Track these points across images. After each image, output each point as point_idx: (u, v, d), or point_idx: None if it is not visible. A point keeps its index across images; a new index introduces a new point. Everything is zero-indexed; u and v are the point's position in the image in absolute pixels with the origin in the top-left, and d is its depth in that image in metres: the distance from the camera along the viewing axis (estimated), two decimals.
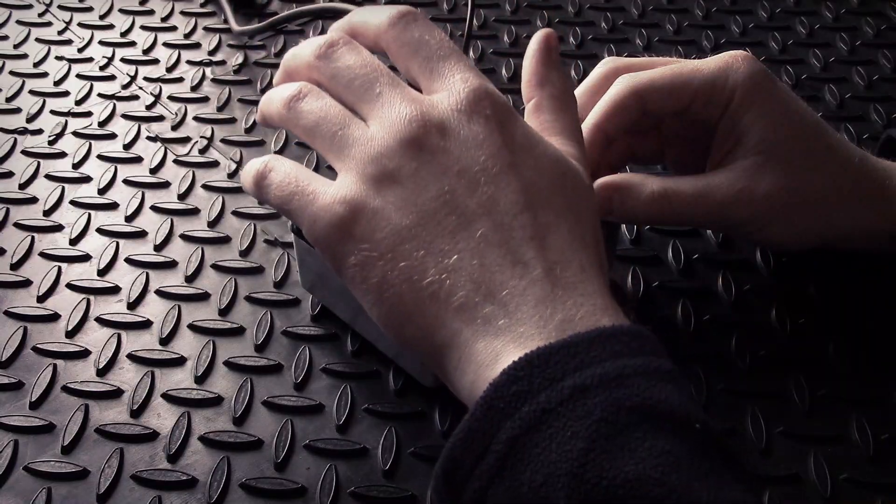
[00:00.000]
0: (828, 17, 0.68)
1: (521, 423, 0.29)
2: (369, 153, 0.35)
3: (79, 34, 0.67)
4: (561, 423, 0.28)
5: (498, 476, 0.29)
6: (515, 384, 0.29)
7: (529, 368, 0.30)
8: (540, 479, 0.28)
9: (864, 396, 0.43)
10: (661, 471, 0.28)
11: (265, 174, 0.38)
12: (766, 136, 0.43)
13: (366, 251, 0.34)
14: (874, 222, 0.45)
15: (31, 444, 0.41)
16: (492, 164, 0.34)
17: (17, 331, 0.46)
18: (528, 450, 0.29)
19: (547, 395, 0.29)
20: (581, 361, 0.30)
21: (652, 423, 0.29)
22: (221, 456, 0.41)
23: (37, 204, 0.54)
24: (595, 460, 0.28)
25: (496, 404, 0.29)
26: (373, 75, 0.37)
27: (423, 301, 0.33)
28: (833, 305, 0.47)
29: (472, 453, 0.29)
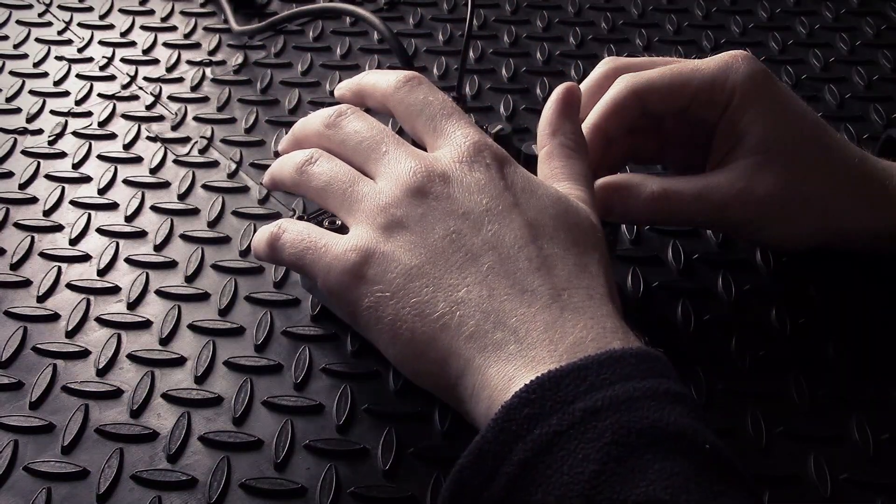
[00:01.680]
0: (828, 17, 0.68)
1: (533, 446, 0.29)
2: (378, 204, 0.37)
3: (79, 34, 0.67)
4: (572, 446, 0.29)
5: (508, 498, 0.29)
6: (527, 407, 0.30)
7: (541, 391, 0.30)
8: (552, 500, 0.29)
9: (864, 396, 0.43)
10: (671, 492, 0.28)
11: (279, 235, 0.40)
12: (765, 136, 0.43)
13: (378, 292, 0.36)
14: (874, 222, 0.45)
15: (31, 444, 0.41)
16: (495, 204, 0.36)
17: (17, 331, 0.46)
18: (539, 472, 0.29)
19: (558, 417, 0.30)
20: (591, 384, 0.30)
21: (662, 445, 0.29)
22: (221, 456, 0.41)
23: (37, 204, 0.54)
24: (606, 482, 0.28)
25: (508, 427, 0.30)
26: (379, 137, 0.39)
27: (435, 333, 0.34)
28: (833, 305, 0.47)
29: (481, 475, 0.30)
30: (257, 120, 0.60)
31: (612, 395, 0.30)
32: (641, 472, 0.28)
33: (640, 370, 0.31)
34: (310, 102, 0.61)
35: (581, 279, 0.35)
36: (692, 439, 0.30)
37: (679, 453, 0.29)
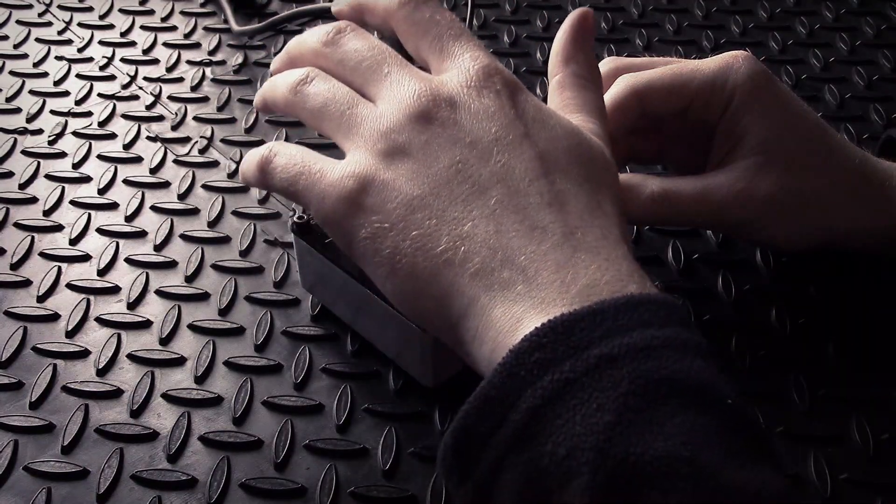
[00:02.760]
0: (828, 17, 0.68)
1: (542, 393, 0.28)
2: (378, 129, 0.35)
3: (79, 34, 0.67)
4: (586, 395, 0.27)
5: (516, 447, 0.28)
6: (538, 351, 0.28)
7: (553, 335, 0.28)
8: (563, 451, 0.27)
9: (864, 396, 0.43)
10: (690, 448, 0.26)
11: (270, 159, 0.37)
12: (766, 137, 0.43)
13: (377, 223, 0.33)
14: (874, 223, 0.45)
15: (31, 444, 0.41)
16: (504, 134, 0.34)
17: (17, 331, 0.46)
18: (549, 421, 0.27)
19: (571, 364, 0.28)
20: (607, 330, 0.28)
21: (681, 397, 0.27)
22: (221, 456, 0.41)
23: (37, 204, 0.54)
24: (622, 435, 0.26)
25: (516, 372, 0.28)
26: (380, 57, 0.37)
27: (437, 269, 0.32)
28: (833, 305, 0.47)
29: (488, 422, 0.28)
30: (257, 120, 0.60)
31: (629, 342, 0.28)
32: (660, 426, 0.27)
33: (659, 317, 0.29)
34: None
35: (595, 217, 0.33)
36: (714, 393, 0.28)
37: (700, 407, 0.27)
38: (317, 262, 0.44)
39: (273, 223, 0.53)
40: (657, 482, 0.26)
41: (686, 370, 0.28)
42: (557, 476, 0.27)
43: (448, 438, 0.29)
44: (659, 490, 0.26)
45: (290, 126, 0.59)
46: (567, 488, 0.26)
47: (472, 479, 0.29)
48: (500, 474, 0.28)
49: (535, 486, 0.27)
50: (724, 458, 0.27)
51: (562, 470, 0.27)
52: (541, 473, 0.27)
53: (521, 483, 0.27)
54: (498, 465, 0.28)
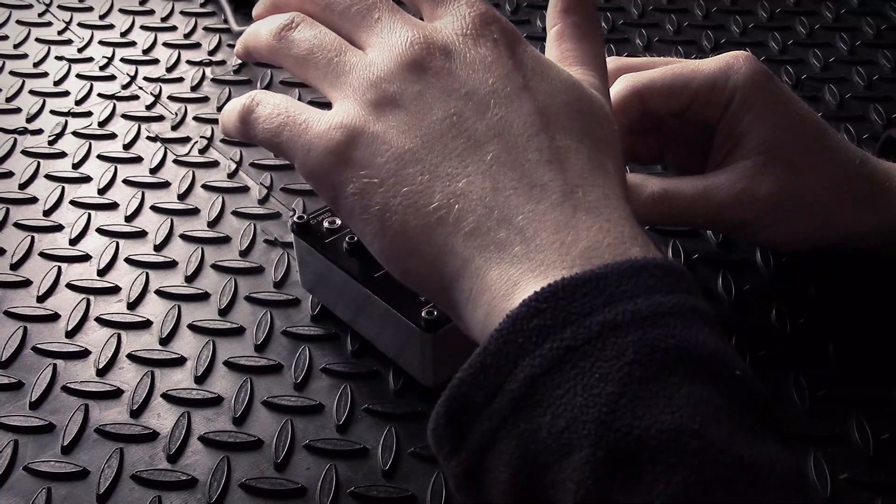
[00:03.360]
0: (828, 17, 0.68)
1: (541, 361, 0.26)
2: (368, 78, 0.33)
3: (79, 34, 0.67)
4: (588, 364, 0.26)
5: (512, 417, 0.26)
6: (537, 317, 0.27)
7: (553, 301, 0.27)
8: (562, 423, 0.25)
9: (864, 396, 0.43)
10: (699, 422, 0.25)
11: (252, 108, 0.35)
12: (766, 137, 0.43)
13: (365, 178, 0.32)
14: (874, 223, 0.45)
15: (31, 444, 0.41)
16: (502, 86, 0.32)
17: (17, 331, 0.46)
18: (549, 391, 0.26)
19: (573, 331, 0.26)
20: (611, 296, 0.27)
21: (688, 368, 0.26)
22: (221, 456, 0.41)
23: (37, 204, 0.54)
24: (626, 407, 0.25)
25: (514, 339, 0.27)
26: (371, 2, 0.35)
27: (429, 227, 0.30)
28: (833, 305, 0.47)
29: (483, 391, 0.27)
30: None
31: (633, 308, 0.26)
32: (666, 398, 0.25)
33: (665, 283, 0.27)
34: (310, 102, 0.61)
35: (596, 176, 0.31)
36: (722, 364, 0.27)
37: (708, 379, 0.26)
38: (317, 262, 0.44)
39: (273, 223, 0.53)
40: (663, 457, 0.24)
41: (693, 339, 0.27)
42: (556, 449, 0.25)
43: (440, 407, 0.28)
44: (664, 465, 0.24)
45: None
46: (566, 462, 0.25)
47: (464, 450, 0.27)
48: (494, 446, 0.27)
49: (532, 460, 0.26)
50: (733, 433, 0.25)
51: (560, 443, 0.25)
52: (538, 446, 0.26)
53: (517, 456, 0.26)
54: (492, 437, 0.27)
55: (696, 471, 0.24)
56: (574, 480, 0.25)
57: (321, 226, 0.44)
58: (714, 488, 0.24)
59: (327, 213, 0.45)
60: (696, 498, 0.24)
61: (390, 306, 0.41)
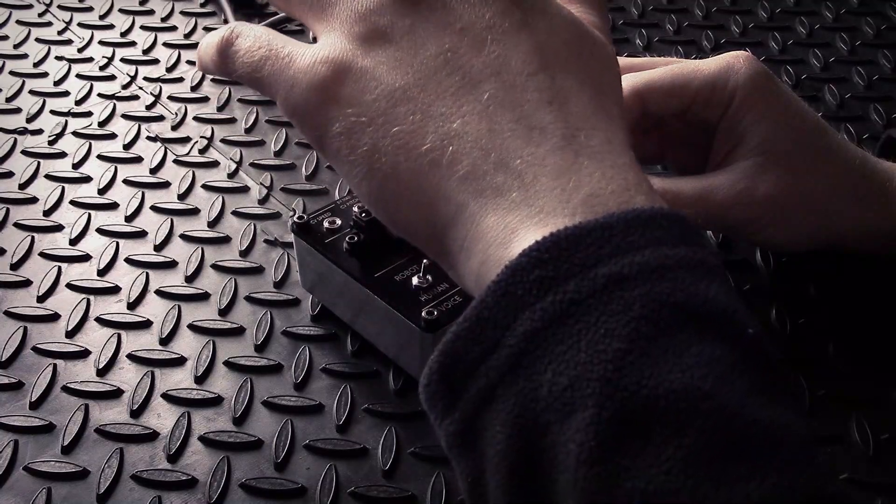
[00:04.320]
0: (828, 17, 0.68)
1: (542, 315, 0.25)
2: (357, 10, 0.31)
3: (79, 34, 0.67)
4: (592, 318, 0.24)
5: (510, 374, 0.25)
6: (538, 268, 0.25)
7: (555, 251, 0.25)
8: (564, 381, 0.24)
9: (864, 396, 0.43)
10: (710, 382, 0.23)
11: (231, 40, 0.34)
12: (766, 137, 0.43)
13: (353, 116, 0.30)
14: (875, 223, 0.45)
15: (31, 444, 0.41)
16: (499, 21, 0.30)
17: (17, 331, 0.46)
18: (550, 346, 0.24)
19: (576, 283, 0.25)
20: (616, 247, 0.25)
21: (699, 324, 0.25)
22: (221, 456, 0.41)
23: (37, 204, 0.54)
24: (634, 364, 0.23)
25: (513, 291, 0.25)
26: None
27: (421, 170, 0.29)
28: (833, 305, 0.47)
29: (479, 346, 0.25)
30: (257, 120, 0.60)
31: (641, 260, 0.25)
32: (676, 356, 0.24)
33: (673, 235, 0.26)
34: None
35: (598, 119, 0.29)
36: (734, 321, 0.25)
37: (719, 336, 0.25)
38: (317, 262, 0.44)
39: (273, 223, 0.53)
40: (672, 418, 0.23)
41: (704, 294, 0.25)
42: (557, 408, 0.24)
43: (433, 363, 0.26)
44: (674, 427, 0.23)
45: (290, 126, 0.59)
46: (568, 422, 0.24)
47: (458, 408, 0.26)
48: (490, 404, 0.25)
49: (531, 420, 0.24)
50: (746, 394, 0.24)
51: (562, 402, 0.24)
52: (538, 405, 0.24)
53: (515, 415, 0.25)
54: (489, 395, 0.25)
55: (708, 433, 0.23)
56: (576, 442, 0.23)
57: (321, 226, 0.44)
58: (726, 451, 0.23)
59: (327, 213, 0.45)
60: (707, 461, 0.23)
61: (390, 306, 0.41)
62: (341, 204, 0.46)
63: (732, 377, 0.24)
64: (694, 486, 0.22)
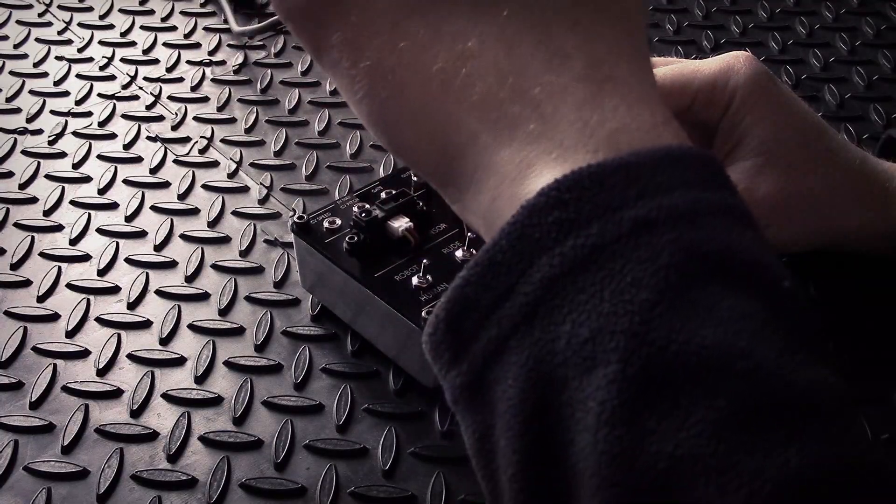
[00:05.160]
0: (828, 17, 0.68)
1: (562, 261, 0.22)
2: None
3: (79, 34, 0.67)
4: (618, 266, 0.22)
5: (525, 324, 0.23)
6: (557, 209, 0.23)
7: (577, 191, 0.23)
8: (585, 333, 0.22)
9: (864, 396, 0.43)
10: (745, 339, 0.21)
11: None
12: (767, 138, 0.43)
13: (356, 24, 0.26)
14: (875, 224, 0.45)
15: (31, 444, 0.41)
16: None
17: (17, 331, 0.46)
18: (570, 295, 0.22)
19: (600, 226, 0.22)
20: (644, 188, 0.23)
21: (732, 276, 0.23)
22: (221, 456, 0.41)
23: (37, 204, 0.54)
24: (663, 317, 0.21)
25: (529, 233, 0.23)
26: None
27: (429, 93, 0.26)
28: (833, 305, 0.47)
29: (491, 293, 0.23)
30: (257, 120, 0.60)
31: (670, 204, 0.23)
32: (708, 309, 0.22)
33: (703, 177, 0.24)
34: (310, 102, 0.61)
35: (624, 50, 0.26)
36: (769, 274, 0.23)
37: (753, 290, 0.23)
38: (317, 262, 0.44)
39: (273, 223, 0.53)
40: (704, 378, 0.21)
41: (737, 244, 0.23)
42: (576, 363, 0.22)
43: (440, 310, 0.24)
44: (705, 387, 0.21)
45: (290, 126, 0.59)
46: (588, 379, 0.22)
47: (466, 360, 0.24)
48: (502, 356, 0.23)
49: (547, 374, 0.22)
50: (782, 354, 0.22)
51: (582, 356, 0.22)
52: (555, 358, 0.22)
53: (529, 368, 0.22)
54: (501, 346, 0.23)
55: (743, 394, 0.21)
56: (597, 400, 0.21)
57: (321, 226, 0.44)
58: (762, 415, 0.21)
59: (327, 213, 0.45)
60: (741, 425, 0.21)
61: (390, 306, 0.41)
62: (341, 204, 0.46)
63: (768, 334, 0.22)
64: (726, 451, 0.20)
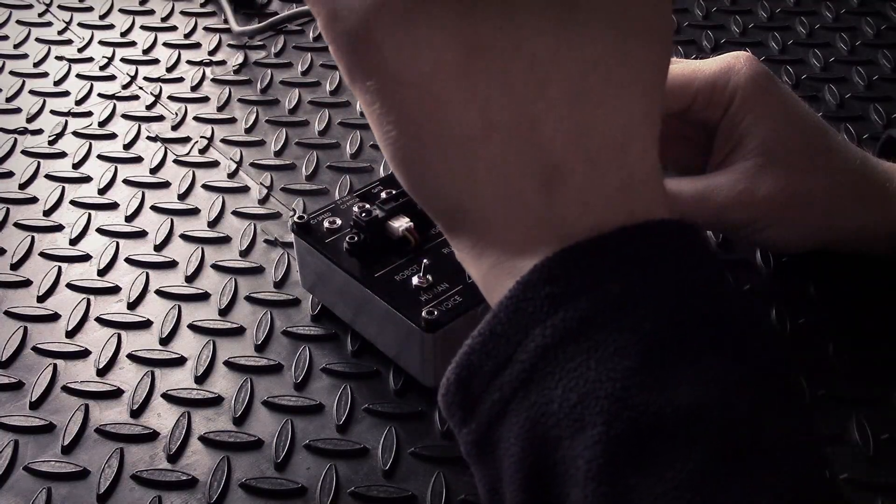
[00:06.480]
0: (828, 17, 0.68)
1: (553, 332, 0.25)
2: None
3: (79, 34, 0.67)
4: (603, 336, 0.24)
5: (522, 389, 0.25)
6: (549, 285, 0.25)
7: (567, 267, 0.25)
8: (574, 398, 0.24)
9: (864, 396, 0.43)
10: (720, 396, 0.24)
11: None
12: (767, 138, 0.43)
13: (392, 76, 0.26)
14: (875, 224, 0.45)
15: (31, 444, 0.41)
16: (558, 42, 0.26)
17: (17, 331, 0.46)
18: (561, 363, 0.24)
19: (587, 300, 0.25)
20: (628, 262, 0.25)
21: (709, 336, 0.25)
22: (221, 456, 0.41)
23: (37, 204, 0.54)
24: (643, 382, 0.23)
25: (524, 307, 0.25)
26: None
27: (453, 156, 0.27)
28: (833, 305, 0.47)
29: (493, 360, 0.26)
30: (257, 120, 0.60)
31: (652, 276, 0.25)
32: (685, 371, 0.24)
33: (681, 248, 0.26)
34: (310, 102, 0.61)
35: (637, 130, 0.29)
36: (745, 333, 0.25)
37: (729, 348, 0.25)
38: (317, 262, 0.44)
39: (273, 223, 0.53)
40: (680, 434, 0.23)
41: (715, 309, 0.25)
42: (567, 424, 0.24)
43: (451, 374, 0.27)
44: (683, 441, 0.23)
45: (290, 126, 0.59)
46: (577, 438, 0.24)
47: (475, 420, 0.26)
48: (505, 417, 0.25)
49: (543, 433, 0.25)
50: (755, 409, 0.24)
51: (572, 418, 0.24)
52: (549, 419, 0.24)
53: (528, 429, 0.25)
54: (503, 408, 0.25)
55: (715, 450, 0.23)
56: (585, 458, 0.24)
57: (321, 226, 0.44)
58: (733, 468, 0.23)
59: (327, 213, 0.45)
60: (714, 478, 0.23)
61: (390, 306, 0.41)
62: (341, 204, 0.46)
63: (742, 391, 0.24)
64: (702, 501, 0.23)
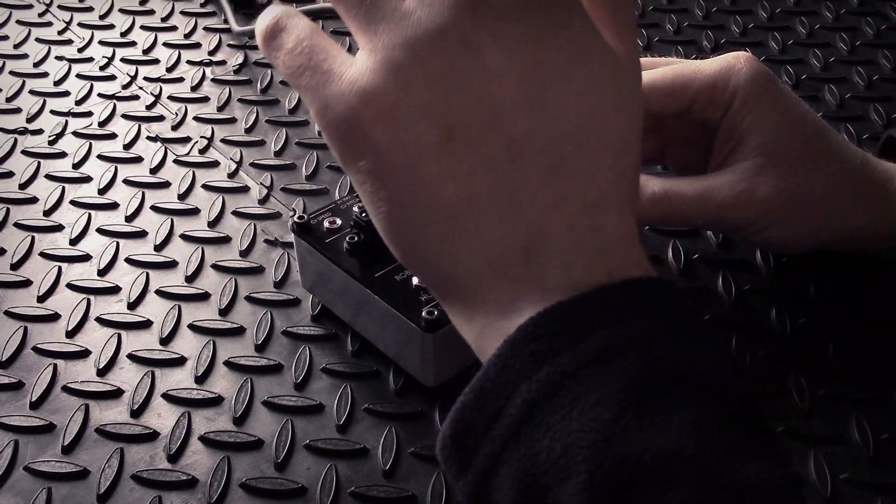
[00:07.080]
0: (828, 17, 0.69)
1: (538, 387, 0.26)
2: (402, 36, 0.28)
3: (79, 34, 0.67)
4: (583, 388, 0.26)
5: (513, 441, 0.27)
6: (534, 343, 0.27)
7: (550, 325, 0.27)
8: (559, 448, 0.26)
9: (864, 396, 0.43)
10: (694, 445, 0.25)
11: (275, 33, 0.32)
12: (767, 138, 0.43)
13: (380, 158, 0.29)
14: (875, 224, 0.45)
15: (31, 444, 0.41)
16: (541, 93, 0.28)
17: (17, 331, 0.46)
18: (546, 416, 0.26)
19: (569, 356, 0.26)
20: (607, 320, 0.27)
21: (683, 388, 0.26)
22: (221, 456, 0.41)
23: (37, 204, 0.54)
24: (623, 431, 0.25)
25: (511, 364, 0.27)
26: None
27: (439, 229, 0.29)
28: (833, 305, 0.47)
29: (484, 415, 0.27)
30: (257, 120, 0.60)
31: (630, 332, 0.27)
32: (662, 421, 0.25)
33: (660, 303, 0.28)
34: None
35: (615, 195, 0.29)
36: (717, 383, 0.27)
37: (703, 399, 0.26)
38: (317, 262, 0.44)
39: (273, 223, 0.53)
40: (659, 480, 0.25)
41: (689, 360, 0.27)
42: (554, 473, 0.26)
43: (446, 429, 0.28)
44: (661, 488, 0.25)
45: (290, 126, 0.59)
46: (564, 486, 0.26)
47: (470, 472, 0.28)
48: (498, 468, 0.27)
49: (533, 482, 0.26)
50: (729, 453, 0.26)
51: (558, 467, 0.26)
52: (538, 469, 0.26)
53: (519, 478, 0.27)
54: (496, 460, 0.27)
55: (693, 492, 0.25)
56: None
57: (321, 226, 0.44)
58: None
59: (327, 213, 0.45)
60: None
61: (390, 306, 0.41)
62: (341, 204, 0.46)
63: (715, 438, 0.26)
64: None
